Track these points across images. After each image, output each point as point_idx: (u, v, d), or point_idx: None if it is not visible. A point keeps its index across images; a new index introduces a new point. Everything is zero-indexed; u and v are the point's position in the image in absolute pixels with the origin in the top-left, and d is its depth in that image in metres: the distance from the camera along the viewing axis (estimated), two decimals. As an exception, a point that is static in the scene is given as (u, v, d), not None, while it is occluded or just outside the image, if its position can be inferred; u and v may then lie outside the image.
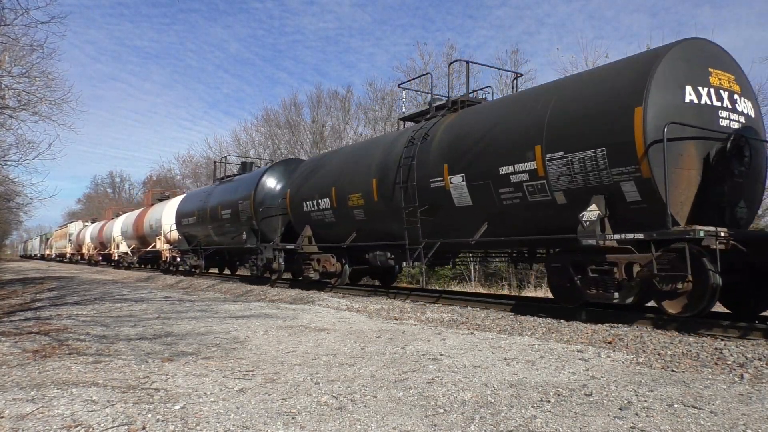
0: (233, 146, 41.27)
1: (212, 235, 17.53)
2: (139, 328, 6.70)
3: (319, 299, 10.46)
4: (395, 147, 9.97)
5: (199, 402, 3.45)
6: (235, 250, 17.20)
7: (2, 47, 9.87)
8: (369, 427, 3.00)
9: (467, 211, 8.41)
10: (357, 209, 10.83)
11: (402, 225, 9.52)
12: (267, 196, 14.56)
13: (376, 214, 10.35)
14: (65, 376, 4.14)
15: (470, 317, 7.64)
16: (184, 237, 20.03)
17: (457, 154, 8.50)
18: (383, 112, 30.93)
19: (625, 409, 3.27)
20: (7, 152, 14.24)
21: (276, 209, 14.37)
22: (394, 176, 9.69)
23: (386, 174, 9.93)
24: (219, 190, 17.50)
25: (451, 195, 8.56)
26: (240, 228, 15.32)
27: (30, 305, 10.15)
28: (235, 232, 15.76)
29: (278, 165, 15.44)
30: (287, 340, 5.86)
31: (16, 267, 41.22)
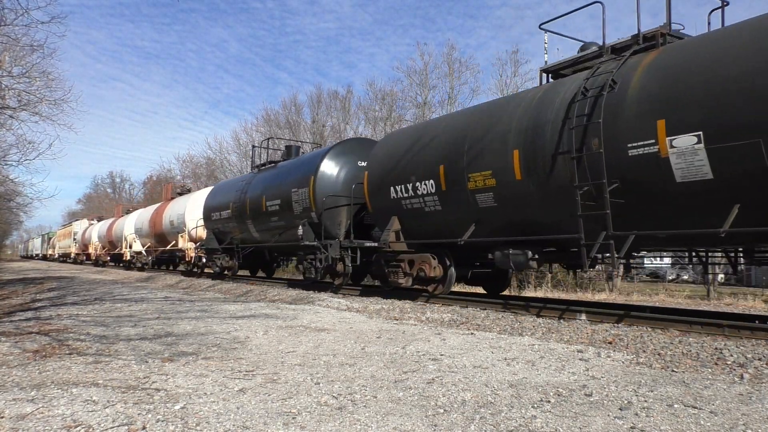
0: (233, 146, 41.32)
1: (252, 231, 15.05)
2: (139, 328, 6.70)
3: (319, 299, 10.46)
4: (549, 105, 7.46)
5: (199, 402, 3.45)
6: (283, 249, 14.90)
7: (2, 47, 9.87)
8: (369, 427, 3.00)
9: (700, 188, 5.89)
10: (482, 193, 8.22)
11: (561, 211, 7.17)
12: (330, 182, 12.06)
13: (515, 198, 7.80)
14: (65, 376, 4.14)
15: (470, 317, 7.64)
16: (214, 234, 17.52)
17: (683, 102, 5.98)
18: (383, 112, 30.94)
19: (625, 409, 3.27)
20: (7, 152, 14.24)
21: (343, 198, 11.93)
22: (555, 144, 7.15)
23: (536, 142, 7.41)
24: (261, 178, 14.95)
25: (671, 165, 6.01)
26: (292, 222, 12.88)
27: (30, 305, 10.15)
28: (285, 227, 13.38)
29: (342, 145, 12.85)
30: (287, 341, 5.86)
31: (17, 267, 41.23)
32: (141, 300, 10.83)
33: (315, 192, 11.99)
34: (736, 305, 13.77)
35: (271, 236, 14.35)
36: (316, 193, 11.98)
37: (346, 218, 12.01)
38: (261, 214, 14.28)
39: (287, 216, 13.12)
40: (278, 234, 13.82)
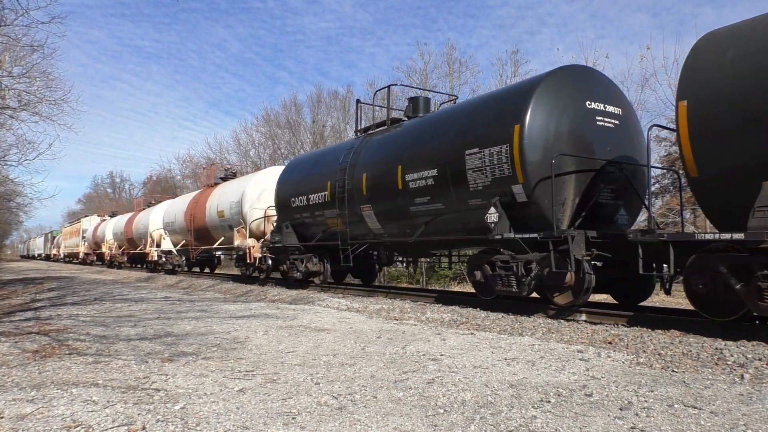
0: (233, 146, 41.35)
1: (368, 221, 10.49)
2: (139, 329, 6.70)
3: (319, 299, 10.45)
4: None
5: (199, 402, 3.44)
6: (435, 245, 9.97)
7: (3, 47, 9.87)
8: (369, 427, 2.99)
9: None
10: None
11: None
12: (544, 134, 7.44)
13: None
14: (65, 376, 4.14)
15: (470, 317, 7.63)
16: (293, 227, 13.19)
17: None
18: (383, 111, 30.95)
19: (625, 410, 3.26)
20: (7, 152, 14.24)
21: (569, 161, 7.48)
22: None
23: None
24: (381, 143, 10.52)
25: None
26: (463, 202, 8.36)
27: (30, 305, 10.15)
28: (443, 211, 8.82)
29: (560, 75, 7.87)
30: (287, 341, 5.86)
31: (17, 267, 41.23)
32: (141, 300, 10.83)
33: (523, 151, 7.30)
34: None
35: (407, 227, 9.70)
36: (524, 152, 7.29)
37: (573, 194, 7.58)
38: (390, 193, 9.72)
39: (451, 193, 8.46)
40: (425, 223, 9.24)
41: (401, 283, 22.23)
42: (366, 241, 11.06)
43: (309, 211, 12.34)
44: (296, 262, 13.03)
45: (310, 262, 12.63)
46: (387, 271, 25.09)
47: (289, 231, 13.18)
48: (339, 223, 11.35)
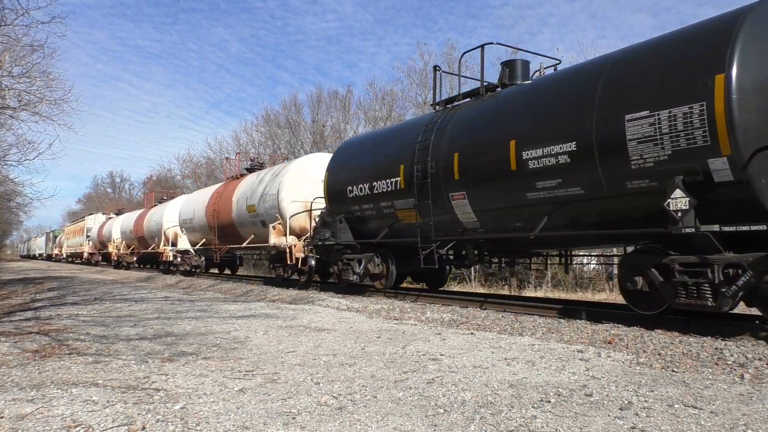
0: (233, 146, 41.29)
1: (458, 211, 8.48)
2: (139, 328, 6.70)
3: (319, 299, 10.45)
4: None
5: (199, 402, 3.44)
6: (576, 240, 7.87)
7: (3, 47, 9.87)
8: (369, 427, 2.99)
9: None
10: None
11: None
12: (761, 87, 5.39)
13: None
14: (65, 376, 4.14)
15: (470, 317, 7.63)
16: (348, 222, 11.02)
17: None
18: (383, 111, 30.94)
19: (625, 410, 3.26)
20: (7, 152, 14.24)
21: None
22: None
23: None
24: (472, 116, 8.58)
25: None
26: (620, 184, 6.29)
27: (30, 305, 10.15)
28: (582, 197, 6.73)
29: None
30: (287, 340, 5.86)
31: (17, 267, 41.23)
32: (141, 300, 10.83)
33: (730, 110, 5.24)
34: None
35: (519, 218, 7.70)
36: (732, 112, 5.23)
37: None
38: (497, 177, 7.72)
39: (599, 173, 6.41)
40: (548, 214, 7.19)
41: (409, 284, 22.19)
42: (453, 237, 8.90)
43: (372, 202, 10.11)
44: (352, 262, 10.99)
45: (371, 263, 10.45)
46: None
47: (344, 226, 10.93)
48: (413, 215, 9.32)
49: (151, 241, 25.15)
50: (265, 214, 14.58)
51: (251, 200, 15.38)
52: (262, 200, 14.72)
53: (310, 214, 13.41)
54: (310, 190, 13.72)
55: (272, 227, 14.00)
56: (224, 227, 17.10)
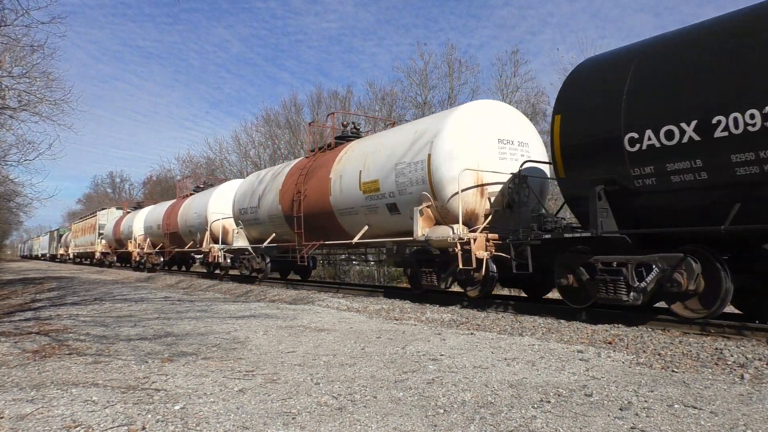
0: (233, 146, 41.33)
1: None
2: (139, 329, 6.70)
3: (319, 299, 10.46)
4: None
5: (199, 402, 3.44)
6: None
7: (3, 47, 9.88)
8: (369, 427, 2.99)
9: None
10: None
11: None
12: None
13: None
14: (65, 376, 4.14)
15: (470, 317, 7.63)
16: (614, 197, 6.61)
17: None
18: (383, 112, 30.96)
19: (625, 410, 3.26)
20: (7, 152, 14.25)
21: None
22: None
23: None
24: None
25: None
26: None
27: (30, 305, 10.15)
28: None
29: None
30: (287, 341, 5.86)
31: (17, 267, 41.23)
32: (141, 300, 10.83)
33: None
34: (736, 305, 13.77)
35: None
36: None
37: None
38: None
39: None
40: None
41: (402, 283, 22.19)
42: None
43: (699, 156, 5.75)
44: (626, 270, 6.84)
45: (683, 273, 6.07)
46: (387, 272, 24.96)
47: (603, 206, 6.71)
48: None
49: (187, 238, 20.35)
50: (400, 193, 9.73)
51: (369, 173, 10.51)
52: (396, 171, 9.77)
53: (481, 190, 8.89)
54: (488, 150, 9.15)
55: (418, 212, 9.20)
56: (313, 217, 12.27)
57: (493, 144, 9.20)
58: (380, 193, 10.21)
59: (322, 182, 11.98)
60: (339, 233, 11.79)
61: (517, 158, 9.28)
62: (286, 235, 14.00)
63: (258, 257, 15.35)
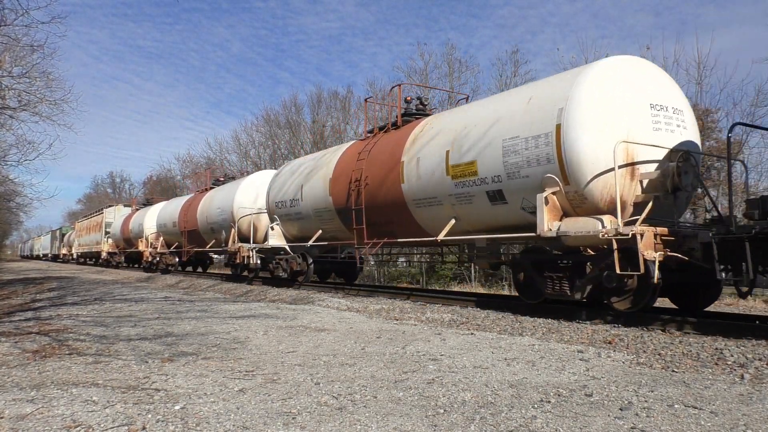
0: (233, 146, 41.34)
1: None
2: (139, 329, 6.70)
3: (319, 299, 10.46)
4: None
5: (199, 402, 3.44)
6: None
7: (3, 47, 9.88)
8: (369, 427, 2.99)
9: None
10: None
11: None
12: None
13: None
14: (65, 376, 4.14)
15: (470, 317, 7.63)
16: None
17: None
18: (383, 111, 30.96)
19: (625, 410, 3.26)
20: (7, 152, 14.26)
21: None
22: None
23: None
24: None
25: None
26: None
27: (30, 305, 10.15)
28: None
29: None
30: (287, 341, 5.86)
31: (17, 267, 41.23)
32: (141, 300, 10.84)
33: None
34: (736, 305, 13.76)
35: None
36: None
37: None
38: None
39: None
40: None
41: (401, 283, 22.23)
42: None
43: None
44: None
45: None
46: (387, 271, 24.95)
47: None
48: None
49: (208, 237, 18.48)
50: (509, 176, 7.69)
51: (460, 153, 8.38)
52: (504, 149, 7.68)
53: (632, 170, 6.92)
54: (640, 118, 7.12)
55: (542, 200, 7.14)
56: (377, 209, 10.28)
57: (645, 110, 7.14)
58: (478, 177, 8.10)
59: (389, 168, 9.93)
60: (411, 229, 9.86)
61: (673, 129, 7.31)
62: (336, 232, 12.02)
63: (298, 257, 13.37)
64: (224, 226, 17.07)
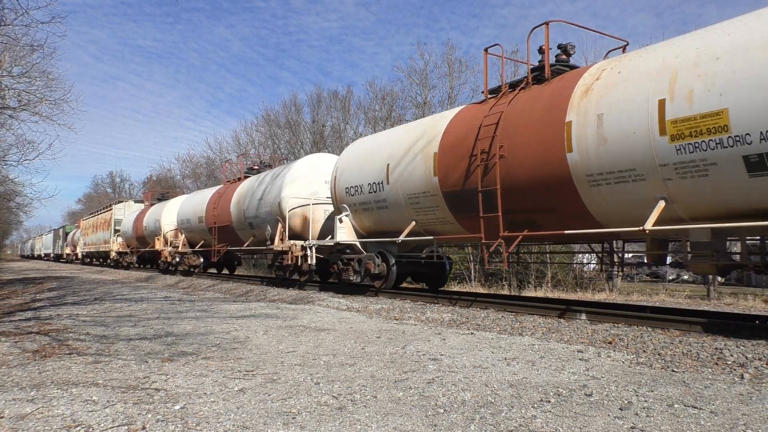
0: (233, 146, 41.31)
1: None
2: (139, 328, 6.70)
3: (319, 299, 10.45)
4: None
5: (199, 402, 3.44)
6: None
7: (3, 47, 9.87)
8: (369, 427, 2.99)
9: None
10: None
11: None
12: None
13: None
14: (65, 376, 4.14)
15: (470, 317, 7.63)
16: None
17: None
18: (383, 111, 30.93)
19: (625, 409, 3.26)
20: (7, 152, 14.24)
21: None
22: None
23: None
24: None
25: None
26: None
27: (30, 305, 10.15)
28: None
29: None
30: (287, 340, 5.86)
31: (17, 267, 41.22)
32: (141, 300, 10.83)
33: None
34: (736, 305, 13.77)
35: None
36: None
37: None
38: None
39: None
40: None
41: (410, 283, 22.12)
42: None
43: None
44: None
45: None
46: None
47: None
48: None
49: (245, 234, 15.96)
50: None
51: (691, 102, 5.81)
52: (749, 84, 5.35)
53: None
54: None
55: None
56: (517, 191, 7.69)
57: None
58: (729, 135, 5.47)
59: (545, 134, 7.28)
60: (571, 217, 7.29)
61: None
62: (439, 224, 9.46)
63: (377, 257, 10.82)
64: (268, 221, 14.50)
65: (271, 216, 14.36)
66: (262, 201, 14.90)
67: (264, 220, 14.78)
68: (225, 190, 17.99)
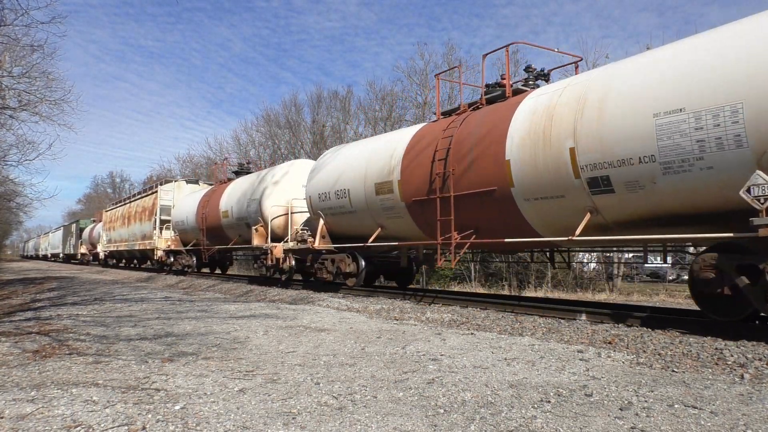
0: (233, 146, 41.31)
1: None
2: (139, 329, 6.70)
3: (319, 299, 10.45)
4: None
5: (199, 402, 3.44)
6: None
7: (3, 47, 9.88)
8: (369, 427, 2.99)
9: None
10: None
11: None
12: None
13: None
14: (65, 376, 4.14)
15: (470, 317, 7.63)
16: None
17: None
18: (383, 112, 30.95)
19: (625, 410, 3.26)
20: (7, 152, 14.26)
21: None
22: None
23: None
24: None
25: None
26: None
27: (30, 305, 10.15)
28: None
29: None
30: (287, 341, 5.86)
31: (17, 267, 41.22)
32: (141, 300, 10.84)
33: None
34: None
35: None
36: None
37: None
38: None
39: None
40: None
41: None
42: None
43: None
44: None
45: None
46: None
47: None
48: None
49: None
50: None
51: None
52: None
53: None
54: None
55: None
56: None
57: None
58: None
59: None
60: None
61: None
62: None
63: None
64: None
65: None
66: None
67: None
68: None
